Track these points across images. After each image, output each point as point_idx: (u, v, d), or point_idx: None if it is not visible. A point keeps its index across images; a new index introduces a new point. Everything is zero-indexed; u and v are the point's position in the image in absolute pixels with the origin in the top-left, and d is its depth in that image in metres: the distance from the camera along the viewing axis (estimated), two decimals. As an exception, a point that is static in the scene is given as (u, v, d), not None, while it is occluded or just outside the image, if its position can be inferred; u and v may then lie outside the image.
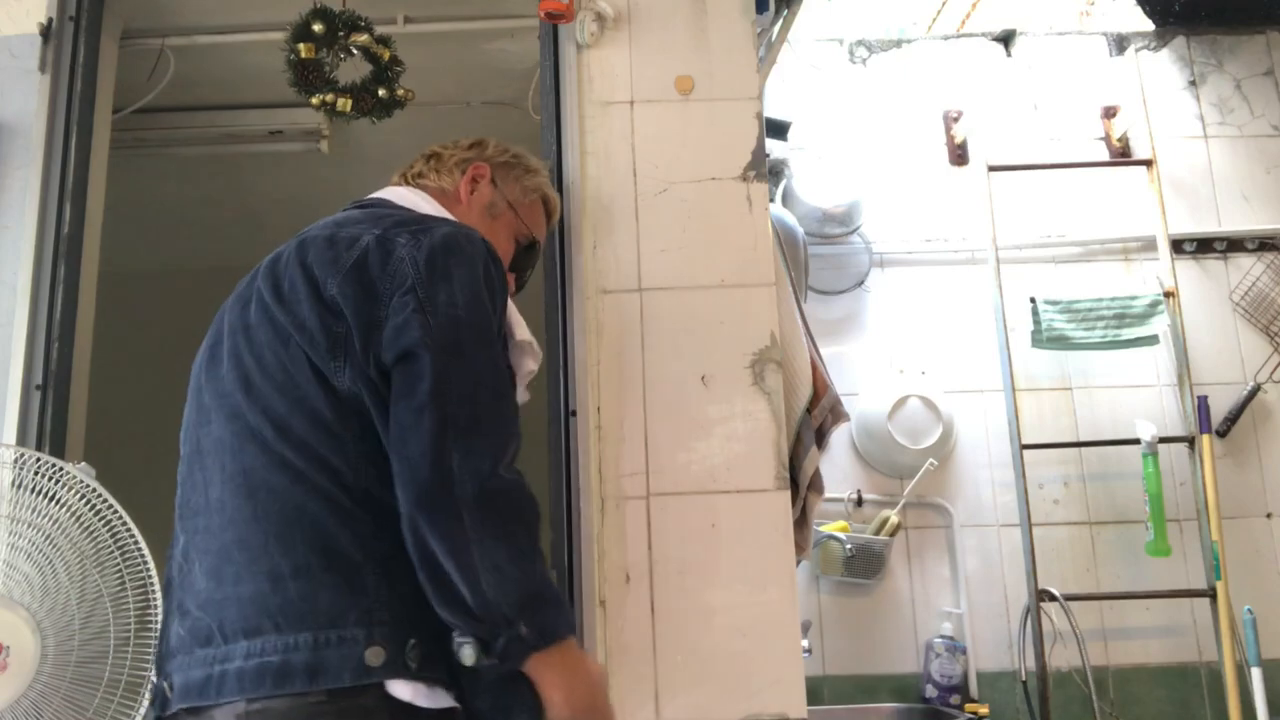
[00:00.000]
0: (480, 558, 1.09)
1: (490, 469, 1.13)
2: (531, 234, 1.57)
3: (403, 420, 1.13)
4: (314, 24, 2.24)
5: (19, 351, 1.89)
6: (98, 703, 1.47)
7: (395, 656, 1.12)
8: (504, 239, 1.52)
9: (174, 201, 3.50)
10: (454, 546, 1.09)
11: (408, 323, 1.16)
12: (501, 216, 1.54)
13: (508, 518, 1.13)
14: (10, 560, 1.48)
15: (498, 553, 1.10)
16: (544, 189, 1.63)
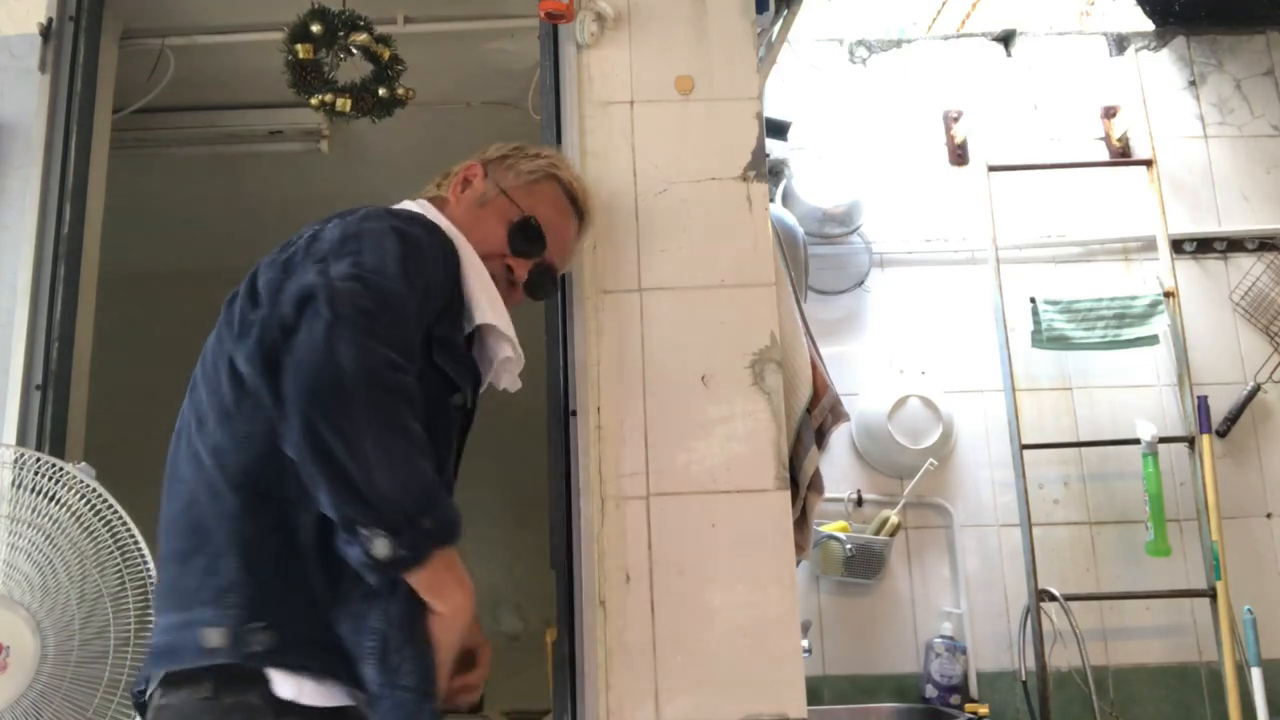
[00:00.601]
0: (375, 448, 1.06)
1: (384, 364, 1.09)
2: (525, 212, 1.50)
3: (299, 335, 1.10)
4: (312, 25, 2.24)
5: (19, 351, 1.89)
6: (98, 703, 1.47)
7: (236, 640, 1.12)
8: (493, 225, 1.48)
9: (174, 201, 3.50)
10: (349, 436, 1.05)
11: (308, 275, 1.16)
12: (490, 204, 1.51)
13: (401, 412, 1.09)
14: (10, 560, 1.48)
15: (395, 445, 1.07)
16: (547, 169, 1.57)
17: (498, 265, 1.47)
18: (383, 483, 1.06)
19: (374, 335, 1.10)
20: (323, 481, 1.07)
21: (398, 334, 1.13)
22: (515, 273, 1.50)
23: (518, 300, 1.53)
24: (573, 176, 1.60)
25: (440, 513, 1.10)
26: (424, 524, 1.08)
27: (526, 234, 1.50)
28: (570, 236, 1.60)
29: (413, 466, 1.08)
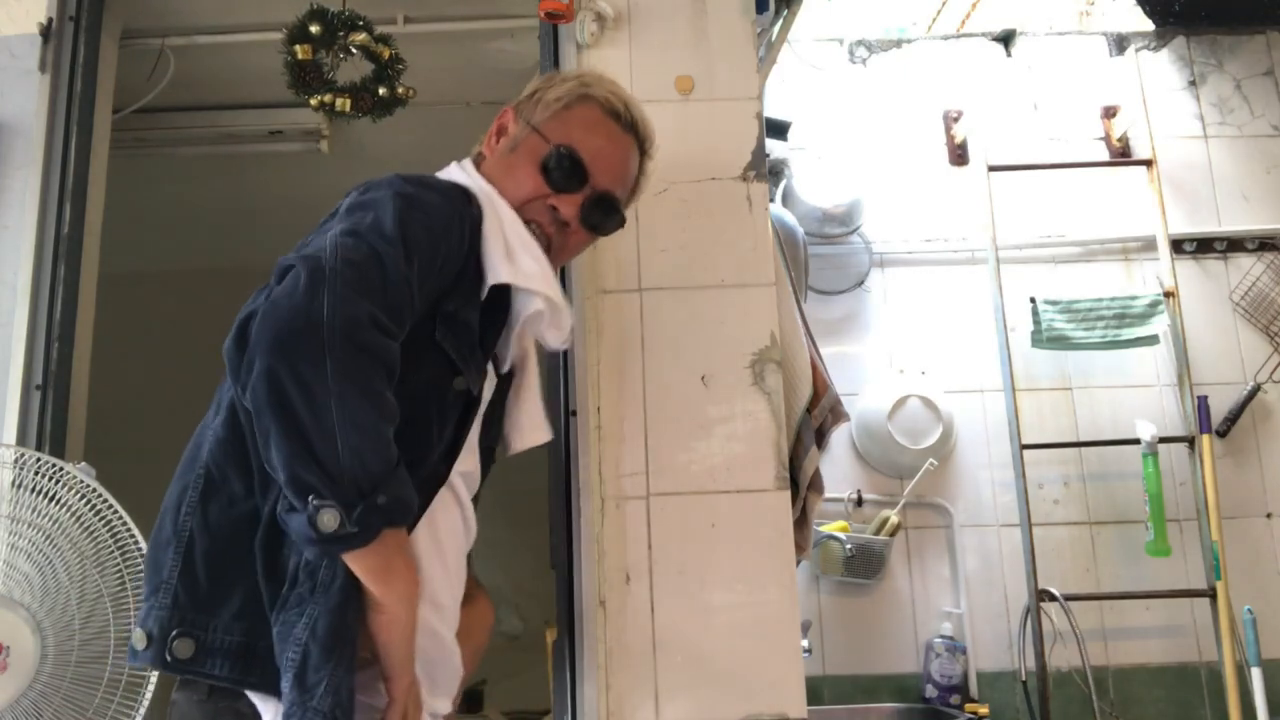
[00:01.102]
0: (340, 409, 0.96)
1: (366, 319, 0.99)
2: (557, 145, 1.32)
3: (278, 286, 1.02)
4: (311, 25, 2.24)
5: (19, 351, 1.89)
6: (98, 702, 1.47)
7: (159, 647, 1.08)
8: (525, 168, 1.32)
9: (174, 201, 3.50)
10: (313, 391, 0.95)
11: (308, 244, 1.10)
12: (520, 146, 1.35)
13: (374, 376, 0.99)
14: (10, 560, 1.48)
15: (362, 410, 0.97)
16: (577, 90, 1.37)
17: (540, 210, 1.32)
18: (343, 449, 0.96)
19: (359, 288, 1.01)
20: (275, 435, 0.97)
21: (388, 294, 1.04)
22: (561, 212, 1.32)
23: (580, 242, 1.39)
24: (609, 91, 1.38)
25: (396, 489, 1.00)
26: (378, 500, 0.98)
27: (561, 166, 1.32)
28: (620, 154, 1.37)
29: (378, 437, 0.99)
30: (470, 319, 1.19)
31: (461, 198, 1.23)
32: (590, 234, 1.38)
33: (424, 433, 1.13)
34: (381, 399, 1.00)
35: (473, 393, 1.19)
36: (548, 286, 1.24)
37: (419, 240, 1.10)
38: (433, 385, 1.15)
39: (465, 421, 1.20)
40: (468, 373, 1.18)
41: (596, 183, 1.34)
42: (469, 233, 1.20)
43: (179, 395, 4.03)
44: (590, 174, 1.33)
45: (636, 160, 1.41)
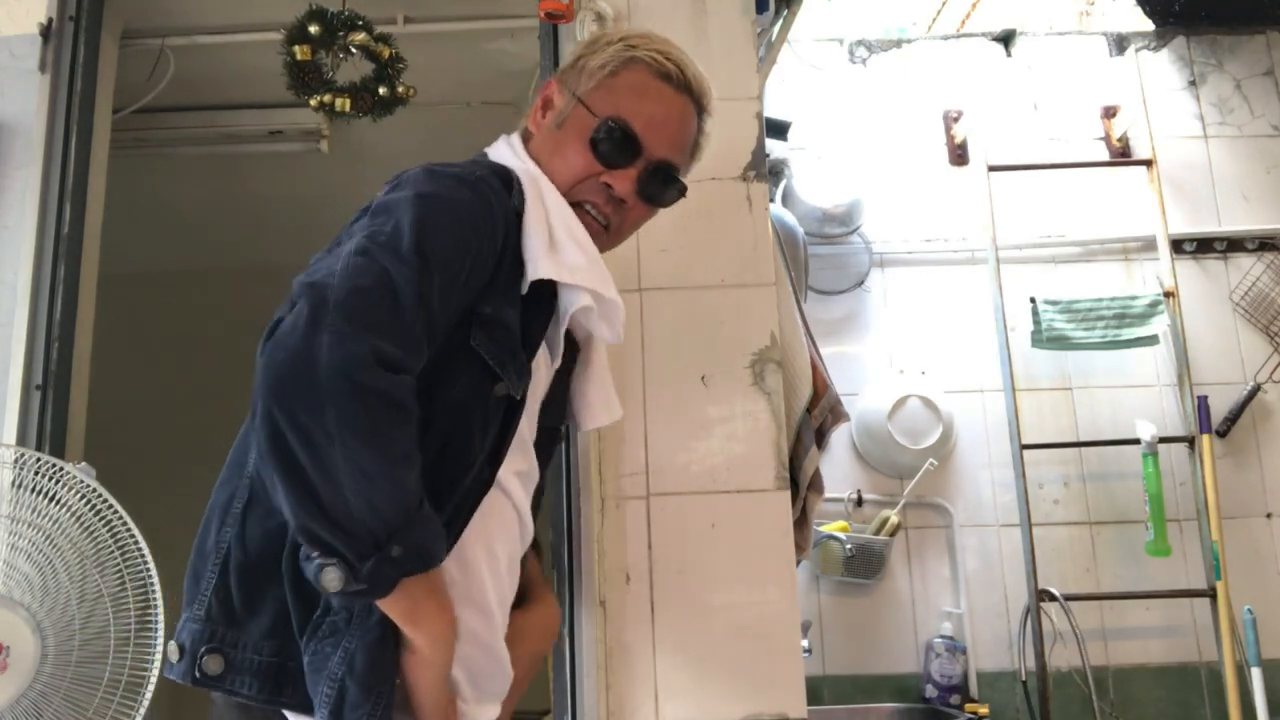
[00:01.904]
0: (345, 460, 0.89)
1: (368, 359, 0.91)
2: (605, 119, 1.22)
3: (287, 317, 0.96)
4: (310, 26, 2.24)
5: (19, 351, 1.89)
6: (98, 702, 1.47)
7: (189, 662, 1.05)
8: (573, 145, 1.23)
9: (174, 201, 3.50)
10: (316, 441, 0.89)
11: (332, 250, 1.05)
12: (568, 122, 1.24)
13: (380, 419, 0.91)
14: (10, 560, 1.48)
15: (369, 459, 0.90)
16: (622, 53, 1.25)
17: (593, 189, 1.23)
18: (352, 499, 0.90)
19: (364, 321, 0.93)
20: (280, 487, 0.92)
21: (400, 322, 0.96)
22: (616, 189, 1.22)
23: (639, 216, 1.29)
24: (657, 50, 1.26)
25: (414, 537, 0.94)
26: (391, 552, 0.92)
27: (611, 139, 1.22)
28: (675, 118, 1.26)
29: (389, 484, 0.92)
30: (509, 319, 1.11)
31: (498, 187, 1.14)
32: (649, 207, 1.28)
33: (464, 445, 1.07)
34: (390, 443, 0.92)
35: (514, 397, 1.12)
36: (595, 280, 1.16)
37: (441, 251, 1.02)
38: (472, 393, 1.08)
39: (509, 424, 1.12)
40: (507, 378, 1.10)
41: (651, 153, 1.23)
42: (505, 226, 1.12)
43: (179, 395, 4.05)
44: (644, 144, 1.22)
45: (694, 121, 1.28)
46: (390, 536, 0.92)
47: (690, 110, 1.28)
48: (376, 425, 0.91)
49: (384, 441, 0.92)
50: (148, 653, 1.48)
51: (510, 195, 1.15)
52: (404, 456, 0.94)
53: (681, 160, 1.29)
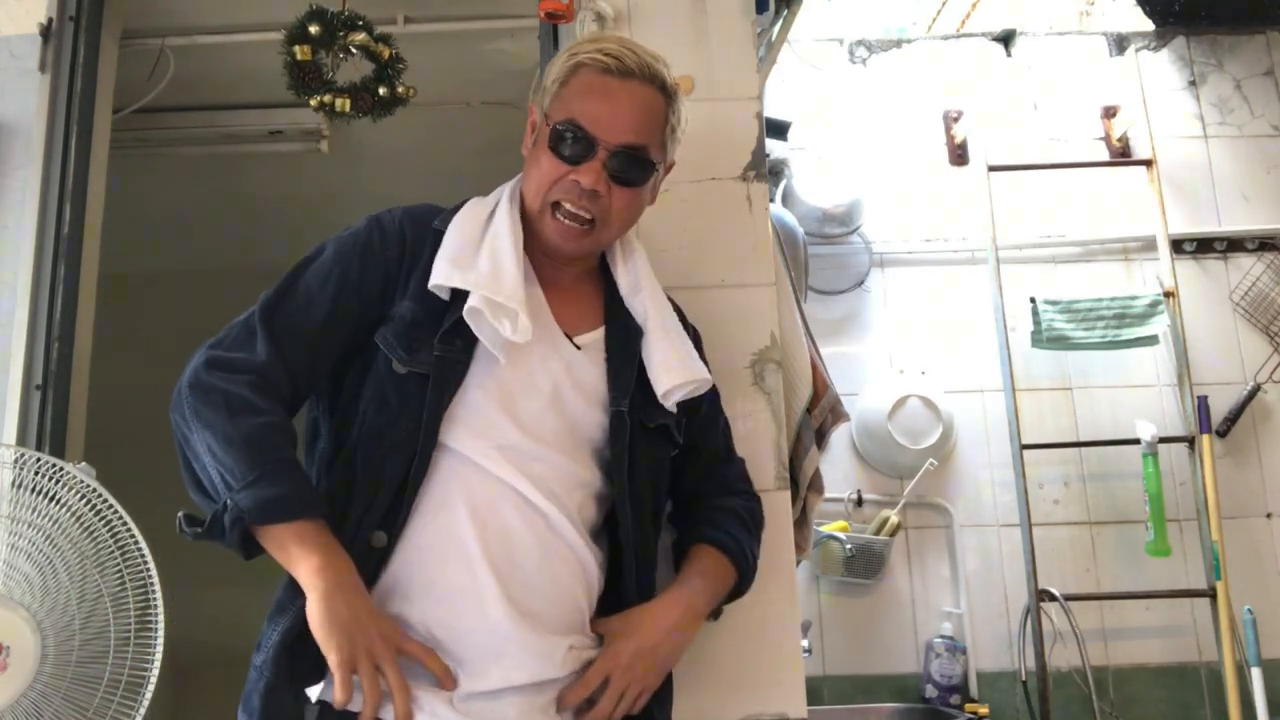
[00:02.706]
0: (199, 443, 1.18)
1: (202, 364, 1.23)
2: (554, 122, 1.31)
3: None
4: (310, 26, 2.24)
5: (19, 351, 1.89)
6: (98, 702, 1.47)
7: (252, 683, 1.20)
8: (544, 158, 1.32)
9: (174, 201, 3.50)
10: (182, 435, 1.21)
11: None
12: (538, 138, 1.35)
13: (216, 410, 1.18)
14: (10, 560, 1.48)
15: (209, 439, 1.17)
16: (567, 63, 1.34)
17: (566, 189, 1.30)
18: (209, 473, 1.17)
19: (210, 342, 1.27)
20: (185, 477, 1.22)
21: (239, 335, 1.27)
22: (584, 182, 1.29)
23: (625, 203, 1.34)
24: (597, 49, 1.33)
25: (254, 497, 1.14)
26: (230, 502, 1.14)
27: (567, 139, 1.30)
28: (624, 104, 1.31)
29: (229, 459, 1.15)
30: (405, 311, 1.28)
31: (397, 219, 1.35)
32: (630, 190, 1.33)
33: (379, 419, 1.25)
34: (226, 425, 1.17)
35: (419, 372, 1.25)
36: (485, 285, 1.25)
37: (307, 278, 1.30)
38: (376, 375, 1.27)
39: (433, 396, 1.24)
40: (395, 355, 1.26)
41: (608, 142, 1.29)
42: (410, 244, 1.32)
43: (179, 395, 4.04)
44: (596, 136, 1.29)
45: (656, 100, 1.33)
46: (230, 495, 1.14)
47: (644, 92, 1.32)
48: (214, 413, 1.18)
49: (221, 425, 1.17)
50: (148, 653, 1.48)
51: (418, 226, 1.35)
52: (245, 436, 1.16)
53: (648, 140, 1.33)
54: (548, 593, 1.22)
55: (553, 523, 1.24)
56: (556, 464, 1.27)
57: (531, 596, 1.20)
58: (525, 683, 1.18)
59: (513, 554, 1.21)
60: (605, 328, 1.39)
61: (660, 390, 1.35)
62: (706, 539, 1.42)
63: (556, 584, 1.24)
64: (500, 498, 1.23)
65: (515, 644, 1.18)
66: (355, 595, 1.14)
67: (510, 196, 1.37)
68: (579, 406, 1.31)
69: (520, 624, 1.18)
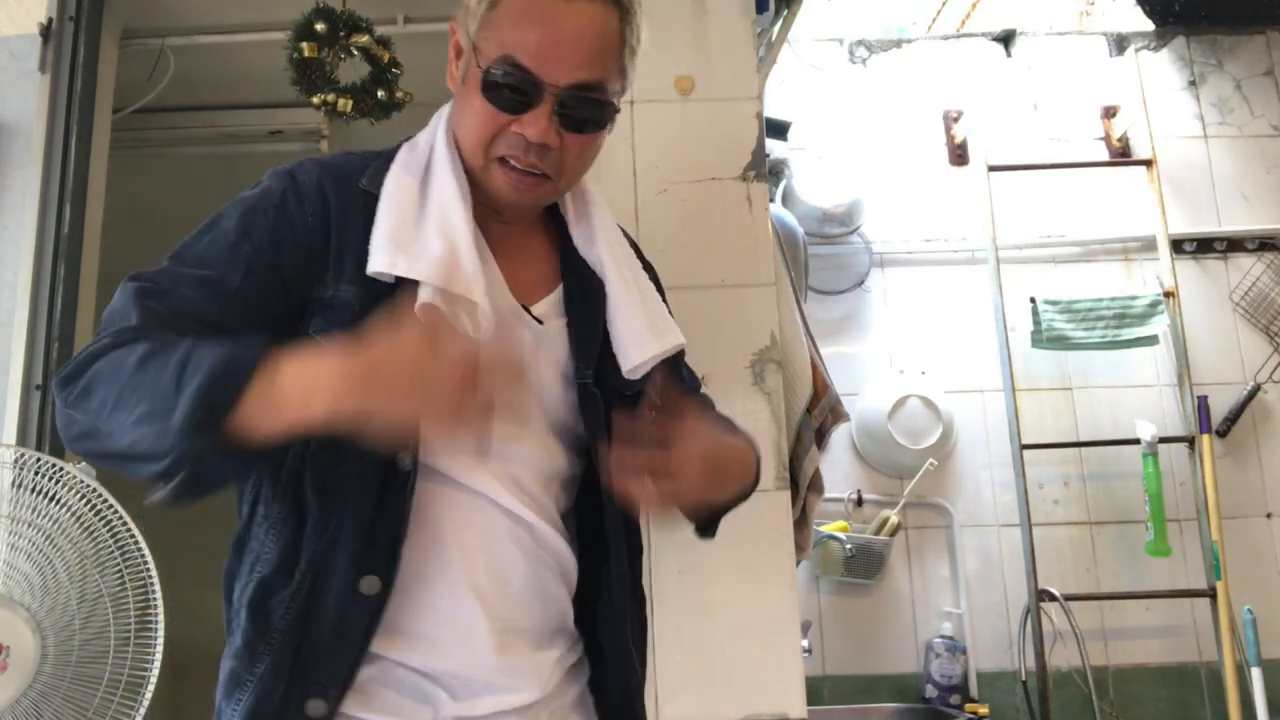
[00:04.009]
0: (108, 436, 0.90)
1: (60, 372, 0.95)
2: (485, 61, 1.04)
3: None
4: (316, 23, 2.24)
5: (19, 351, 1.89)
6: (98, 702, 1.47)
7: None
8: (476, 104, 1.05)
9: (174, 201, 3.50)
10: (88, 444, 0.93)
11: None
12: (467, 74, 1.07)
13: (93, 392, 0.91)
14: (10, 560, 1.48)
15: (109, 417, 0.90)
16: None
17: (510, 142, 1.05)
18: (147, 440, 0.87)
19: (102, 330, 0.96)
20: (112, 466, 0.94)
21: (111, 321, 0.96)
22: (530, 134, 1.04)
23: (579, 150, 1.08)
24: None
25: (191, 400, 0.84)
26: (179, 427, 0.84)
27: (502, 83, 1.03)
28: (571, 31, 1.03)
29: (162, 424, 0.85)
30: (347, 296, 1.03)
31: (320, 176, 1.08)
32: (585, 137, 1.08)
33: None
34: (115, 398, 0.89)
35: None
36: (442, 276, 1.01)
37: (207, 257, 1.05)
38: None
39: None
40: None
41: (555, 82, 1.03)
42: (332, 210, 1.06)
43: (179, 395, 4.04)
44: (540, 77, 1.02)
45: (611, 19, 1.06)
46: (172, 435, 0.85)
47: (594, 11, 1.04)
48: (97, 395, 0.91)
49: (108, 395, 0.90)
50: (148, 653, 1.48)
51: (358, 178, 1.09)
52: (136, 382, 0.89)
53: (603, 73, 1.06)
54: (535, 606, 1.08)
55: (536, 532, 1.08)
56: (532, 459, 1.09)
57: (519, 614, 1.07)
58: (517, 707, 1.06)
59: (499, 573, 1.05)
60: (563, 287, 1.15)
61: (628, 366, 1.13)
62: (735, 431, 1.22)
63: (544, 594, 1.09)
64: (479, 511, 1.05)
65: (503, 673, 1.05)
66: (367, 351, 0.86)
67: (447, 143, 1.11)
68: (547, 386, 1.10)
69: (508, 652, 1.05)
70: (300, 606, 0.98)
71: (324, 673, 0.98)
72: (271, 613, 1.00)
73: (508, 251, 1.12)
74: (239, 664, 1.00)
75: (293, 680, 0.98)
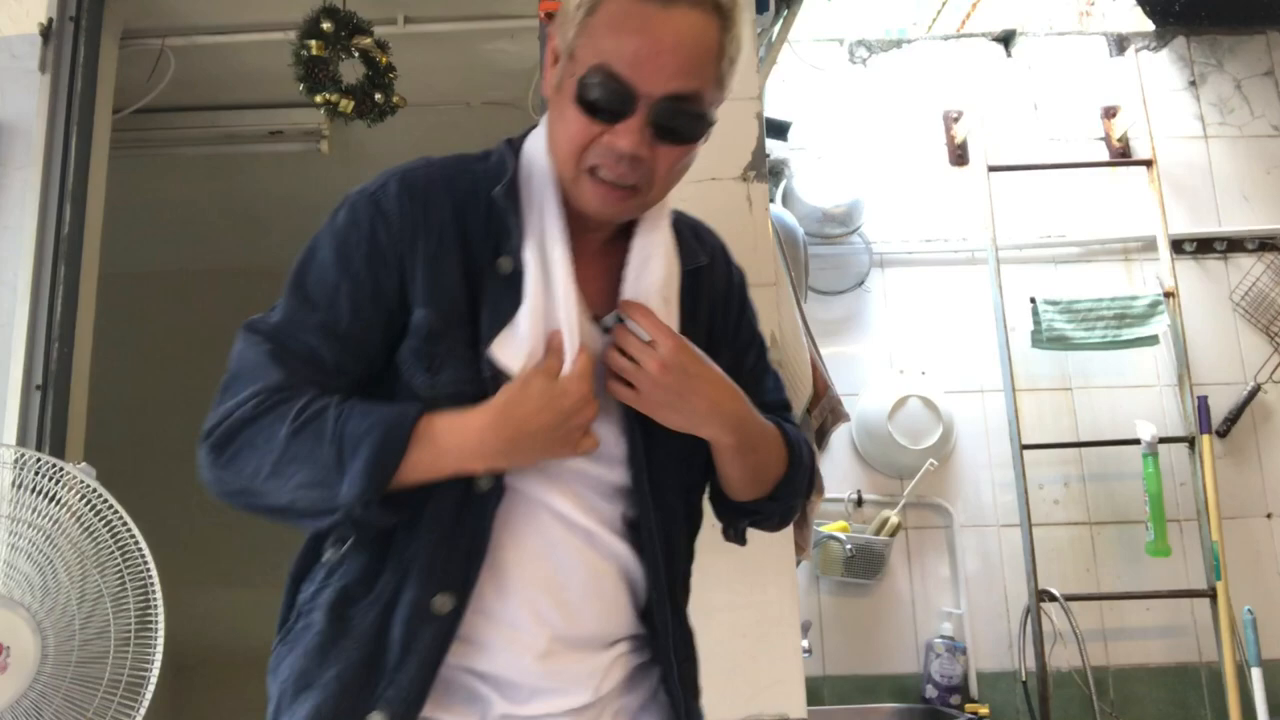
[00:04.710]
0: (271, 487, 0.97)
1: (207, 433, 1.00)
2: (581, 68, 1.02)
3: None
4: (324, 22, 2.25)
5: (19, 351, 1.89)
6: (98, 702, 1.47)
7: None
8: (570, 113, 1.04)
9: (174, 201, 3.50)
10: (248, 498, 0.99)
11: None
12: (562, 82, 1.06)
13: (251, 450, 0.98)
14: (10, 560, 1.48)
15: (267, 480, 0.97)
16: None
17: (601, 152, 1.04)
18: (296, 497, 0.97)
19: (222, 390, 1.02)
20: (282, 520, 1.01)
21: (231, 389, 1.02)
22: (622, 145, 1.02)
23: (672, 160, 1.09)
24: None
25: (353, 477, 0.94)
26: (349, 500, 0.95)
27: (597, 92, 1.02)
28: (671, 38, 1.01)
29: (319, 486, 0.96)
30: (422, 323, 1.05)
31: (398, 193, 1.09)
32: (677, 150, 1.08)
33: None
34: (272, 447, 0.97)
35: (447, 390, 1.04)
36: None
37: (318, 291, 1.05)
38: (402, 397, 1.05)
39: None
40: (415, 380, 1.04)
41: (649, 92, 1.01)
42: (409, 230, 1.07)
43: (179, 395, 4.04)
44: (635, 87, 1.01)
45: (710, 29, 1.04)
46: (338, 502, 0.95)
47: (694, 21, 1.03)
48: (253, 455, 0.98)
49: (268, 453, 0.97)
50: (148, 653, 1.48)
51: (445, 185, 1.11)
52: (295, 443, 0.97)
53: (699, 84, 1.05)
54: (594, 614, 1.09)
55: (596, 539, 1.09)
56: (590, 468, 1.10)
57: (575, 623, 1.07)
58: (569, 709, 1.07)
59: (555, 579, 1.06)
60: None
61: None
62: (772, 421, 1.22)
63: (603, 602, 1.10)
64: (538, 520, 1.07)
65: (551, 678, 1.05)
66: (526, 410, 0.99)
67: (554, 190, 1.10)
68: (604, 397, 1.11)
69: (556, 658, 1.06)
70: (376, 618, 1.01)
71: (391, 688, 0.99)
72: (350, 620, 1.02)
73: (584, 260, 1.12)
74: (310, 663, 1.02)
75: (360, 690, 1.00)
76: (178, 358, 3.99)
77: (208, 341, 3.78)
